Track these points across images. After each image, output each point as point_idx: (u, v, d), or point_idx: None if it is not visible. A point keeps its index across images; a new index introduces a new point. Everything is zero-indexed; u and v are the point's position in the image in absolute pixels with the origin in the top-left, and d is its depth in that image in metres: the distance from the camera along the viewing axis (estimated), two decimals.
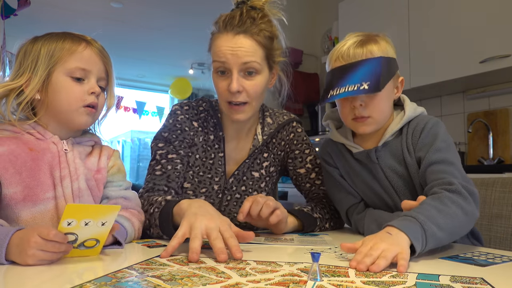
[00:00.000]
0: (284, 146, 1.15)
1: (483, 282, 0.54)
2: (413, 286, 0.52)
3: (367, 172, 0.98)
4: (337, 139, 1.03)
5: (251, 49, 0.95)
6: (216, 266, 0.61)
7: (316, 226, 1.02)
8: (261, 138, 1.10)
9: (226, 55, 0.94)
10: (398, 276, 0.57)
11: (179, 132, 1.06)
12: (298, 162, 1.13)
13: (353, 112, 0.92)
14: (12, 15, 2.78)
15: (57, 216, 0.79)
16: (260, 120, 1.13)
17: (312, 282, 0.53)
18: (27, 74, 0.79)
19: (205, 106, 1.13)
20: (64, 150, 0.82)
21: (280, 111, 1.19)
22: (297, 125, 1.18)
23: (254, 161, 1.11)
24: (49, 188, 0.79)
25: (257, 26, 0.96)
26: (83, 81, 0.82)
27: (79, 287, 0.49)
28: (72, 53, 0.81)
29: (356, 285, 0.52)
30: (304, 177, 1.13)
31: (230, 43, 0.94)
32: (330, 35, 3.48)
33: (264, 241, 0.85)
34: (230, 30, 0.95)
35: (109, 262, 0.65)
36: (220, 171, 1.07)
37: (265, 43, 0.97)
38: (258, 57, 0.96)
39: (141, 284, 0.51)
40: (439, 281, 0.54)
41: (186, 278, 0.54)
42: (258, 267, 0.61)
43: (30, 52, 0.81)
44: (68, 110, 0.81)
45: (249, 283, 0.52)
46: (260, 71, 0.97)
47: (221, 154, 1.08)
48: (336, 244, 0.82)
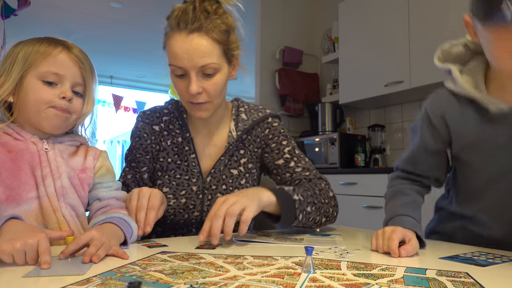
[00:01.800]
0: (260, 143, 1.11)
1: (467, 276, 0.58)
2: (401, 279, 0.55)
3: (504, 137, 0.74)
4: (465, 92, 0.75)
5: (207, 50, 0.91)
6: (215, 261, 0.65)
7: (296, 209, 0.89)
8: (235, 134, 1.08)
9: (182, 60, 0.91)
10: (388, 269, 0.60)
11: (137, 139, 1.07)
12: (275, 154, 1.08)
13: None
14: (12, 15, 2.79)
15: (41, 216, 0.79)
16: (233, 117, 1.10)
17: (305, 274, 0.56)
18: (3, 77, 0.80)
19: (171, 108, 1.10)
20: (45, 149, 0.82)
21: (256, 107, 1.14)
22: (273, 120, 1.13)
23: (231, 158, 1.08)
24: (31, 188, 0.79)
25: (212, 21, 0.91)
26: (55, 86, 0.81)
27: (86, 280, 0.52)
28: (45, 57, 0.81)
29: (347, 277, 0.55)
30: (283, 167, 1.07)
31: (185, 44, 0.90)
32: (330, 35, 3.51)
33: (274, 240, 0.86)
34: (184, 29, 0.90)
35: (113, 259, 0.67)
36: (195, 172, 1.06)
37: (221, 39, 0.93)
38: (215, 57, 0.92)
39: (144, 278, 0.54)
40: (425, 275, 0.58)
41: (186, 272, 0.57)
42: (255, 261, 0.64)
43: (10, 55, 0.82)
44: (35, 110, 0.80)
45: (246, 276, 0.55)
46: (219, 69, 0.94)
47: (193, 156, 1.06)
48: (343, 245, 0.82)
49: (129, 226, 0.80)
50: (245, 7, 0.99)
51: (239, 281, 0.53)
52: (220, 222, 0.77)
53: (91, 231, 0.68)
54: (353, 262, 0.65)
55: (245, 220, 0.78)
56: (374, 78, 2.86)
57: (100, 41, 4.94)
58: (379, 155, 3.03)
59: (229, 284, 0.51)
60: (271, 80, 3.46)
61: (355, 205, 2.62)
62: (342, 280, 0.54)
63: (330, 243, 0.84)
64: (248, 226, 0.79)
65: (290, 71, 3.51)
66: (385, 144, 3.12)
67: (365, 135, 3.18)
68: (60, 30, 4.57)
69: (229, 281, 0.52)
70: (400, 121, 3.10)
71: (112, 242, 0.69)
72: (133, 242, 0.81)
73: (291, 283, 0.52)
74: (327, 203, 0.98)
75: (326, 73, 3.65)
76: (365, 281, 0.53)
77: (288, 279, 0.54)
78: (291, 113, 3.47)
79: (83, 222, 0.85)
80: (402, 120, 3.09)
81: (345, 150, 3.04)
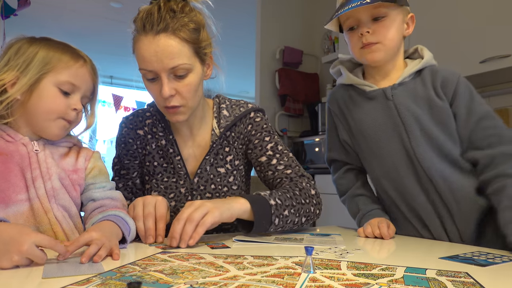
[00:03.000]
0: (244, 139, 1.08)
1: (467, 276, 0.58)
2: (401, 279, 0.55)
3: (378, 111, 1.00)
4: (350, 81, 1.04)
5: (175, 50, 0.88)
6: (215, 261, 0.65)
7: (272, 214, 0.87)
8: (218, 131, 1.06)
9: (151, 63, 0.88)
10: (388, 269, 0.60)
11: (123, 146, 1.06)
12: (258, 151, 1.06)
13: (361, 41, 0.95)
14: (12, 15, 2.79)
15: (33, 217, 0.78)
16: (215, 114, 1.08)
17: (305, 274, 0.56)
18: (14, 73, 0.78)
19: (152, 111, 1.09)
20: (35, 150, 0.82)
21: (237, 103, 1.12)
22: (256, 115, 1.09)
23: (216, 157, 1.06)
24: (21, 190, 0.78)
25: (178, 20, 0.88)
26: (68, 95, 0.83)
27: (86, 280, 0.52)
28: (68, 68, 0.82)
29: (347, 277, 0.55)
30: (266, 165, 1.04)
31: (152, 46, 0.87)
32: (330, 35, 3.51)
33: (274, 240, 0.86)
34: (150, 30, 0.87)
35: (112, 260, 0.66)
36: (182, 174, 1.04)
37: (190, 38, 0.90)
38: (185, 57, 0.89)
39: (144, 278, 0.54)
40: (425, 275, 0.58)
41: (186, 272, 0.57)
42: (255, 261, 0.64)
43: (25, 52, 0.80)
44: (46, 118, 0.81)
45: (246, 276, 0.55)
46: (191, 69, 0.91)
47: (178, 158, 1.04)
48: (343, 245, 0.82)
49: (126, 223, 0.79)
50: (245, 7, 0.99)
51: (239, 281, 0.53)
52: (179, 227, 0.76)
53: (89, 231, 0.67)
54: (353, 262, 0.65)
55: (201, 224, 0.77)
56: None
57: (100, 41, 4.94)
58: None
59: (229, 284, 0.51)
60: (271, 80, 3.46)
61: None
62: (342, 280, 0.54)
63: (330, 243, 0.84)
64: (204, 230, 0.77)
65: (290, 71, 3.51)
66: None
67: None
68: (60, 30, 4.58)
69: (229, 281, 0.52)
70: None
71: (112, 242, 0.69)
72: (132, 239, 0.81)
73: (291, 283, 0.52)
74: (307, 203, 0.96)
75: (326, 73, 3.65)
76: (365, 281, 0.53)
77: (288, 279, 0.54)
78: (291, 113, 3.47)
79: (76, 222, 0.85)
80: None
81: None
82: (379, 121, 1.00)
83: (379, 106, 1.00)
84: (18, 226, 0.64)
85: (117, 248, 0.69)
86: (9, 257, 0.58)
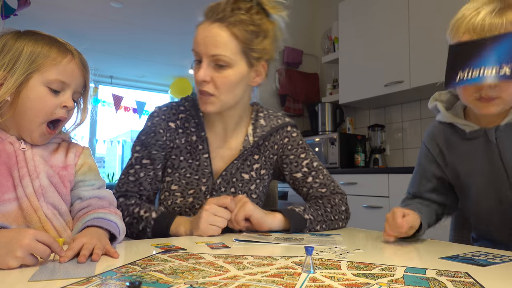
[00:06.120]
0: (277, 150, 1.11)
1: (467, 276, 0.57)
2: (401, 279, 0.55)
3: (479, 154, 0.90)
4: (447, 119, 0.95)
5: (222, 40, 0.92)
6: (215, 261, 0.65)
7: (305, 228, 0.97)
8: (252, 139, 1.07)
9: (199, 45, 0.94)
10: (388, 269, 0.60)
11: (153, 135, 1.04)
12: (294, 167, 1.10)
13: (479, 92, 0.82)
14: (12, 15, 2.79)
15: (22, 216, 0.77)
16: (252, 121, 1.10)
17: (305, 274, 0.56)
18: (1, 72, 0.75)
19: (187, 106, 1.09)
20: (22, 148, 0.79)
21: (275, 114, 1.15)
22: (292, 130, 1.14)
23: (244, 163, 1.08)
24: (8, 189, 0.77)
25: (236, 16, 0.92)
26: (58, 93, 0.80)
27: (86, 280, 0.52)
28: (55, 64, 0.78)
29: (347, 277, 0.55)
30: (301, 181, 1.09)
31: (205, 31, 0.93)
32: (330, 35, 3.51)
33: (274, 240, 0.86)
34: (209, 18, 0.94)
35: (112, 259, 0.66)
36: (207, 172, 1.05)
37: (243, 36, 0.93)
38: (228, 51, 0.93)
39: (144, 278, 0.54)
40: (425, 275, 0.57)
41: (187, 272, 0.57)
42: (255, 261, 0.64)
43: (10, 49, 0.76)
44: (33, 121, 0.78)
45: (246, 275, 0.55)
46: (231, 65, 0.94)
47: (206, 155, 1.05)
48: (343, 245, 0.82)
49: (109, 221, 0.78)
50: None
51: (239, 281, 0.53)
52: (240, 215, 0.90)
53: (79, 238, 0.67)
54: (353, 262, 0.65)
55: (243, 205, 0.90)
56: (374, 78, 2.86)
57: (100, 41, 4.94)
58: (379, 155, 3.03)
59: (229, 284, 0.51)
60: (271, 80, 3.47)
61: (355, 205, 2.62)
62: (342, 280, 0.54)
63: (330, 243, 0.84)
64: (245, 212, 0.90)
65: (290, 71, 3.51)
66: (385, 144, 3.12)
67: (365, 135, 3.19)
68: (60, 30, 4.57)
69: (229, 281, 0.52)
70: (400, 121, 3.10)
71: (103, 241, 0.69)
72: (123, 231, 0.80)
73: (291, 283, 0.52)
74: (336, 219, 1.04)
75: (326, 73, 3.65)
76: (365, 281, 0.53)
77: (288, 279, 0.54)
78: (291, 113, 3.48)
79: (67, 219, 0.83)
80: (402, 120, 3.09)
81: (345, 150, 3.04)
82: (479, 166, 0.90)
83: (479, 148, 0.90)
84: (16, 228, 0.65)
85: (111, 247, 0.68)
86: (13, 255, 0.58)
